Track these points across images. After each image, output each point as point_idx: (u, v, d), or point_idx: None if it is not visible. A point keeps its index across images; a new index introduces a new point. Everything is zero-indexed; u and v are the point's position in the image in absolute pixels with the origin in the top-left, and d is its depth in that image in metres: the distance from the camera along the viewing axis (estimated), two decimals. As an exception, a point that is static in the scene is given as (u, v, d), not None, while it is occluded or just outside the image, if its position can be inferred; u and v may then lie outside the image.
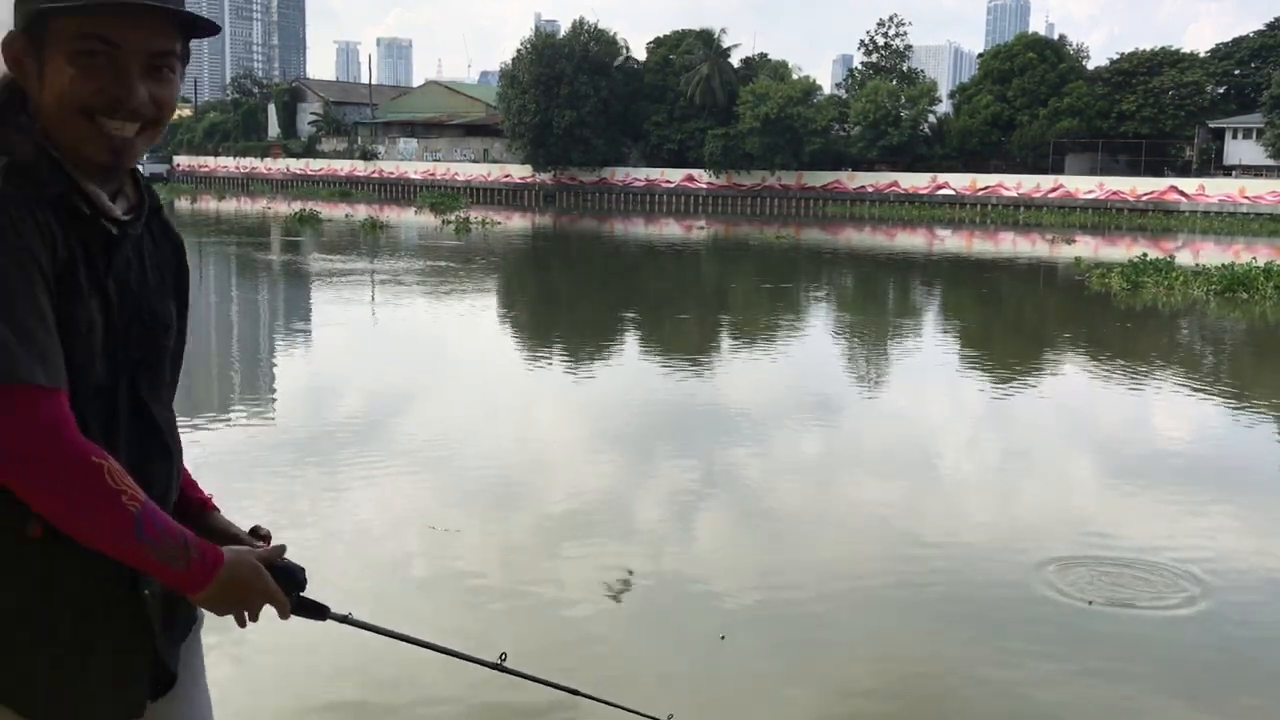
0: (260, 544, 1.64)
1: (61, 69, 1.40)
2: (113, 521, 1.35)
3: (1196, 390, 10.07)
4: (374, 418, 8.10)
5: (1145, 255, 20.25)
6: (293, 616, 1.59)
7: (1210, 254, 22.34)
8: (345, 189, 60.95)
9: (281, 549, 1.60)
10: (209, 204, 47.48)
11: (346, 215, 37.91)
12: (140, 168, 1.59)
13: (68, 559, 1.39)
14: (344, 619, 1.66)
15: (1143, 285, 17.89)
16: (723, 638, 4.21)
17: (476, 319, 14.67)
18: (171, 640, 1.56)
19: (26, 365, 1.29)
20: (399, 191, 60.94)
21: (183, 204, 46.80)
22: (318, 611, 1.64)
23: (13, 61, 1.43)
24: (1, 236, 1.30)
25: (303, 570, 1.61)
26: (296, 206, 40.48)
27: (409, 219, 38.68)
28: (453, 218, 35.55)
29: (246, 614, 1.51)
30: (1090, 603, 4.43)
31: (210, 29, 1.48)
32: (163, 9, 1.41)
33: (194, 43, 1.52)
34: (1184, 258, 21.01)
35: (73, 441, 1.33)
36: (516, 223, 39.52)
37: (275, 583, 1.53)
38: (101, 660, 1.45)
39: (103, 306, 1.42)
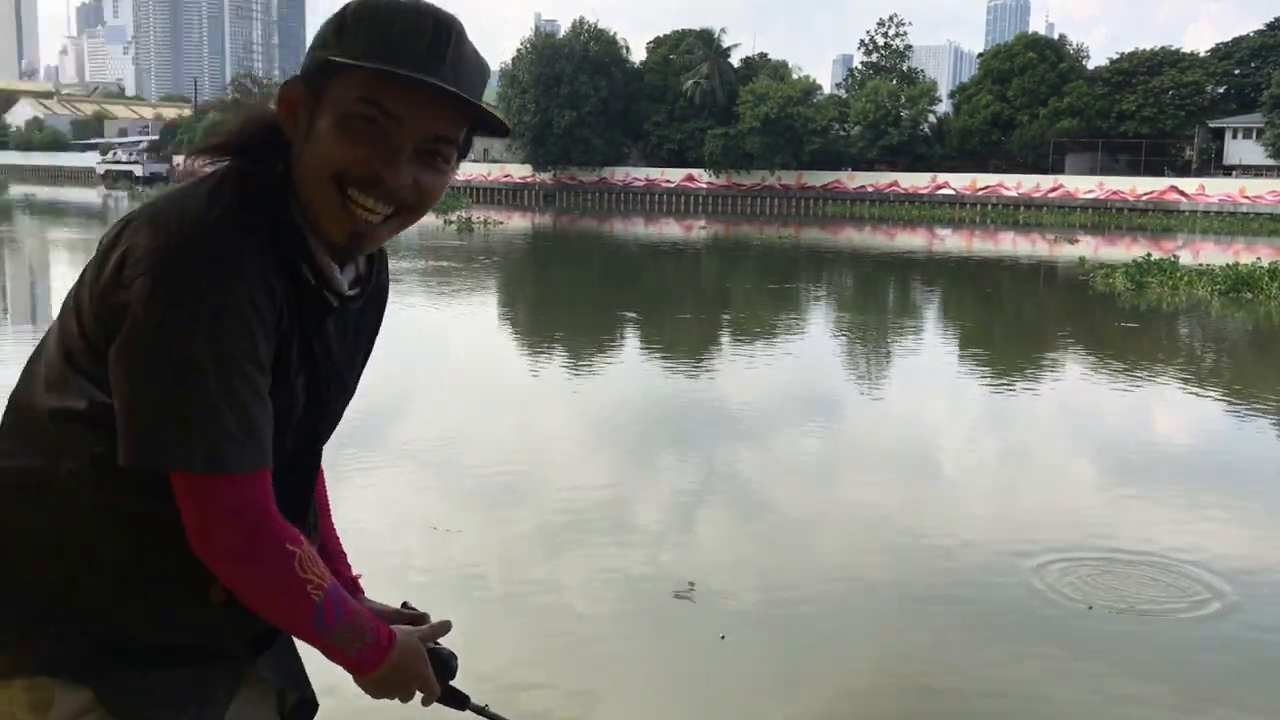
0: (414, 621, 1.57)
1: (331, 129, 1.28)
2: (296, 611, 1.29)
3: (1203, 391, 10.07)
4: (376, 417, 8.10)
5: (1149, 255, 20.19)
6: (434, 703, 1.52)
7: (1210, 254, 22.36)
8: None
9: (443, 627, 1.55)
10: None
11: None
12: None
13: (243, 617, 1.33)
14: (481, 710, 1.58)
15: (1147, 285, 17.85)
16: (723, 637, 4.21)
17: (479, 319, 14.68)
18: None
19: (236, 453, 1.19)
20: (399, 191, 60.82)
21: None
22: (459, 701, 1.57)
23: (287, 108, 1.32)
24: (233, 297, 1.19)
25: (455, 658, 1.54)
26: None
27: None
28: (454, 218, 35.52)
29: (399, 698, 1.44)
30: (1090, 607, 4.42)
31: (501, 131, 1.36)
32: (459, 97, 1.27)
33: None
34: (1185, 258, 20.97)
35: (270, 529, 1.25)
36: (518, 223, 39.54)
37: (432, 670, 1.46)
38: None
39: (308, 384, 1.33)
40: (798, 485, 6.68)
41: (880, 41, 57.84)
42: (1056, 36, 56.93)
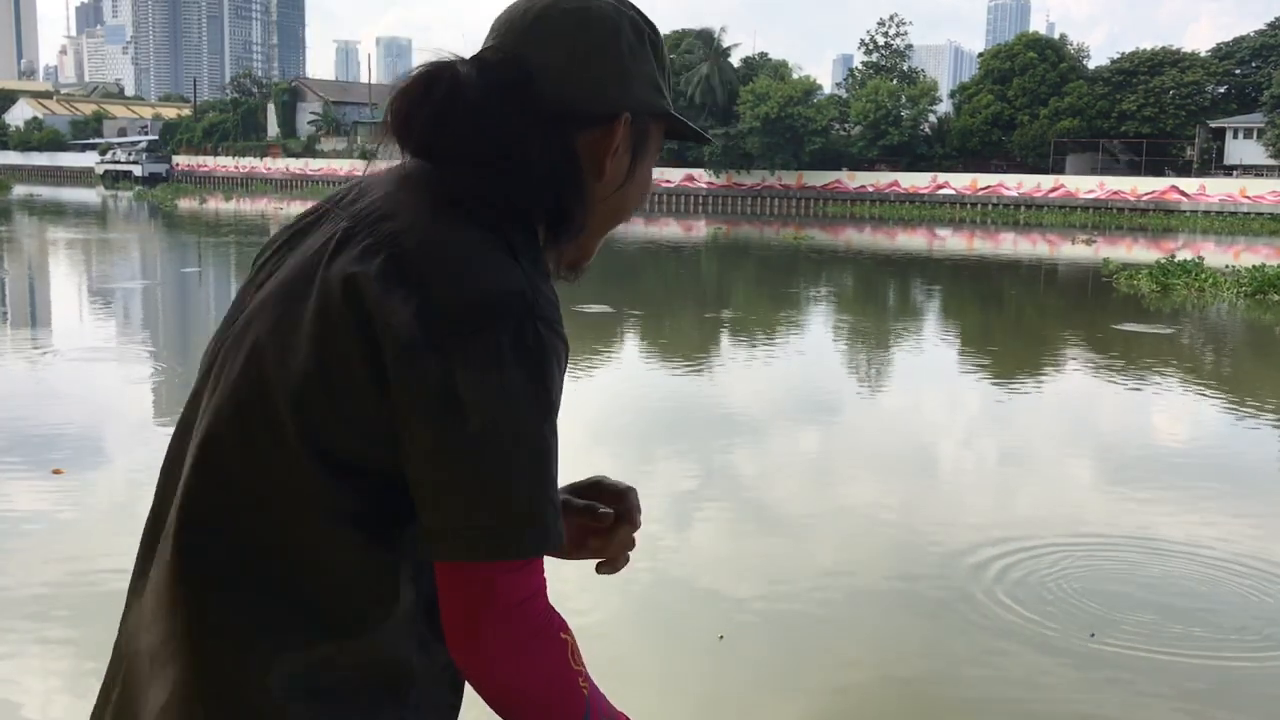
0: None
1: (648, 176, 1.20)
2: (570, 708, 1.08)
3: (1237, 398, 9.92)
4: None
5: (1173, 256, 19.88)
6: None
7: (1211, 254, 22.30)
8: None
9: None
10: (218, 204, 47.51)
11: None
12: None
13: None
14: None
15: (1172, 287, 17.64)
16: (722, 637, 4.21)
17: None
18: None
19: (557, 530, 1.03)
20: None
21: (190, 204, 46.82)
22: None
23: (609, 145, 1.14)
24: (552, 372, 1.02)
25: None
26: (298, 206, 40.50)
27: None
28: None
29: None
30: (1093, 635, 4.38)
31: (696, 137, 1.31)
32: None
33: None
34: (1185, 257, 20.85)
35: (551, 617, 1.07)
36: None
37: None
38: None
39: None
40: (804, 485, 6.68)
41: (880, 41, 57.86)
42: (1057, 36, 56.87)
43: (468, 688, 1.10)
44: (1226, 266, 19.13)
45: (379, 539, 1.03)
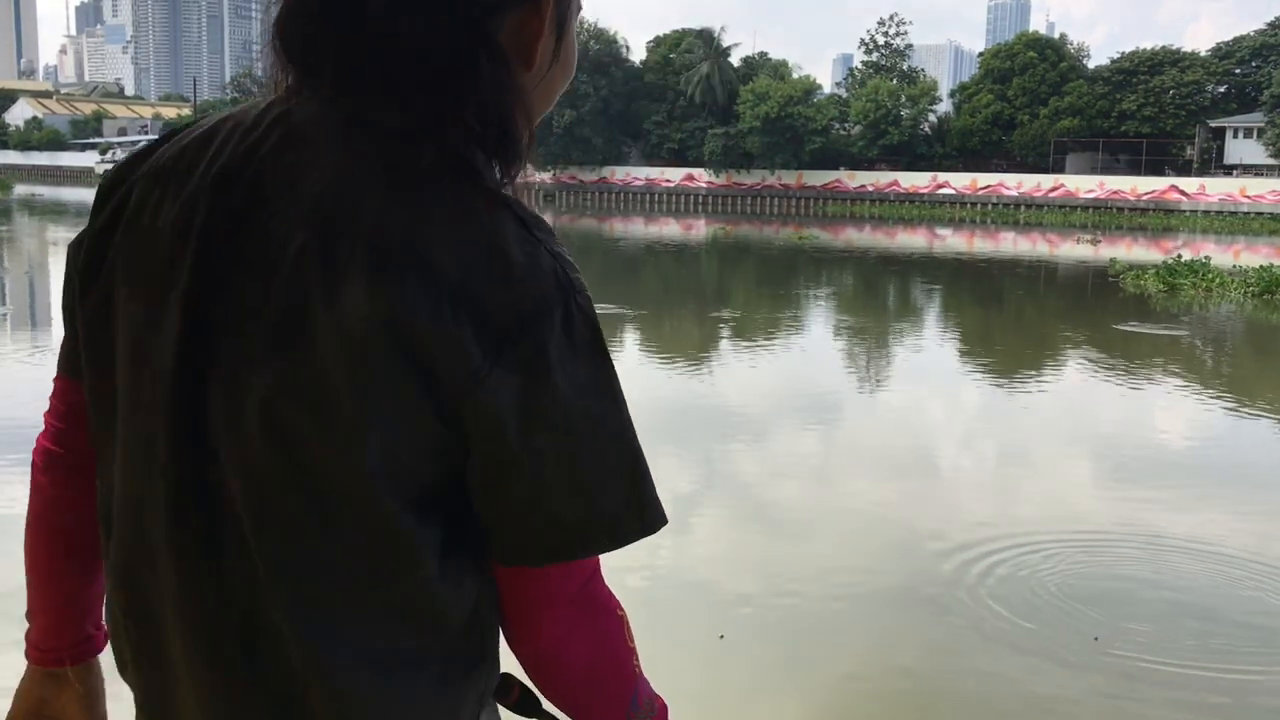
0: None
1: (573, 49, 1.05)
2: (621, 692, 1.06)
3: (1252, 400, 9.88)
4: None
5: (1180, 256, 19.81)
6: None
7: (1211, 253, 22.27)
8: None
9: None
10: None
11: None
12: None
13: None
14: None
15: (1179, 287, 17.58)
16: (722, 637, 4.21)
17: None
18: None
19: (659, 503, 0.99)
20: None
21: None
22: None
23: (538, 28, 0.99)
24: (603, 343, 0.94)
25: None
26: None
27: None
28: None
29: None
30: (1096, 639, 4.36)
31: None
32: None
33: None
34: (1186, 257, 20.82)
35: (610, 596, 1.04)
36: None
37: None
38: None
39: None
40: (810, 484, 6.68)
41: (880, 41, 57.87)
42: (1057, 36, 56.88)
43: None
44: (1234, 267, 19.08)
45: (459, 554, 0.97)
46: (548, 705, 1.10)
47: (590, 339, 0.92)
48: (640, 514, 0.96)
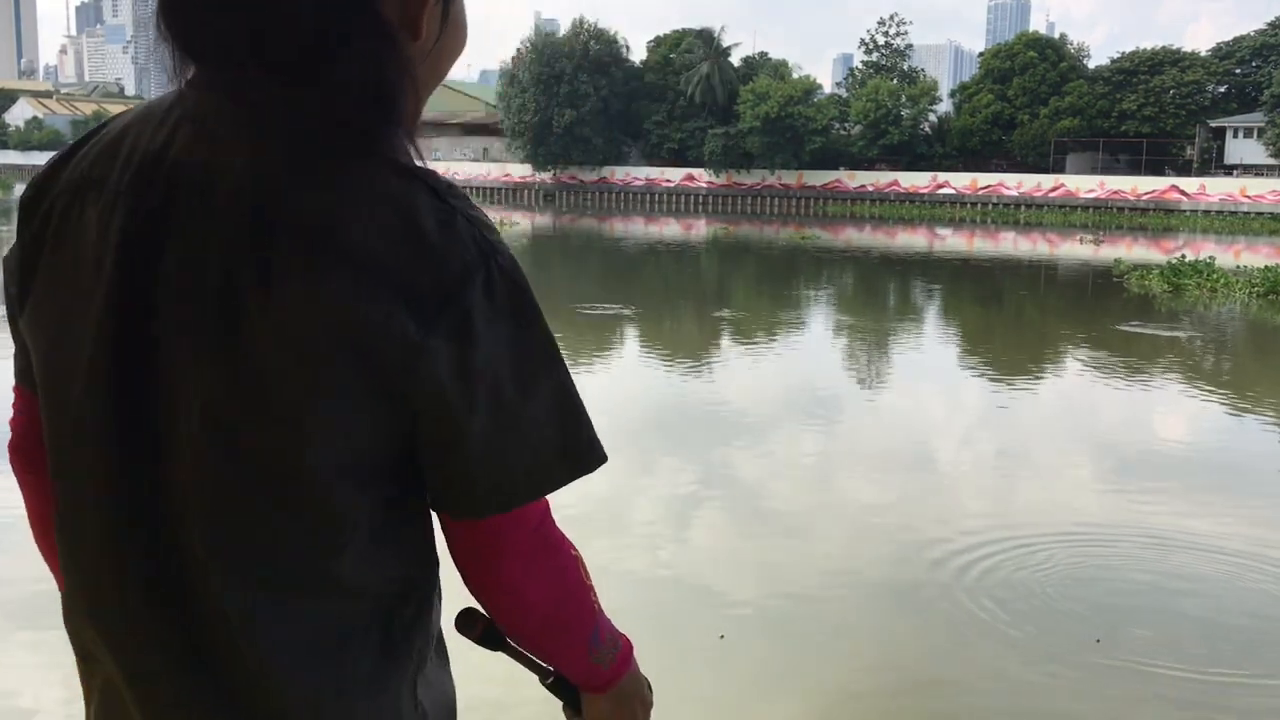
0: None
1: (463, 18, 1.05)
2: (581, 628, 1.11)
3: (1263, 402, 9.85)
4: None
5: (1184, 256, 19.67)
6: None
7: (1212, 253, 22.24)
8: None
9: None
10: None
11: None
12: None
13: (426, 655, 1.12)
14: None
15: (1184, 288, 17.53)
16: (722, 637, 4.20)
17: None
18: None
19: (599, 443, 1.04)
20: (399, 191, 60.88)
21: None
22: None
23: (417, 9, 0.98)
24: (530, 297, 0.99)
25: (650, 687, 1.31)
26: None
27: None
28: None
29: None
30: (1099, 640, 4.35)
31: None
32: None
33: None
34: (1205, 257, 20.68)
35: (560, 533, 1.08)
36: (532, 222, 39.37)
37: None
38: None
39: None
40: (816, 484, 6.67)
41: (881, 41, 57.84)
42: (1057, 35, 56.84)
43: None
44: (1238, 267, 19.04)
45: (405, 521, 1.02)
46: (517, 647, 1.14)
47: (515, 296, 0.95)
48: (580, 455, 1.02)
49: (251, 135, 0.91)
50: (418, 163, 0.97)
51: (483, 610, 1.11)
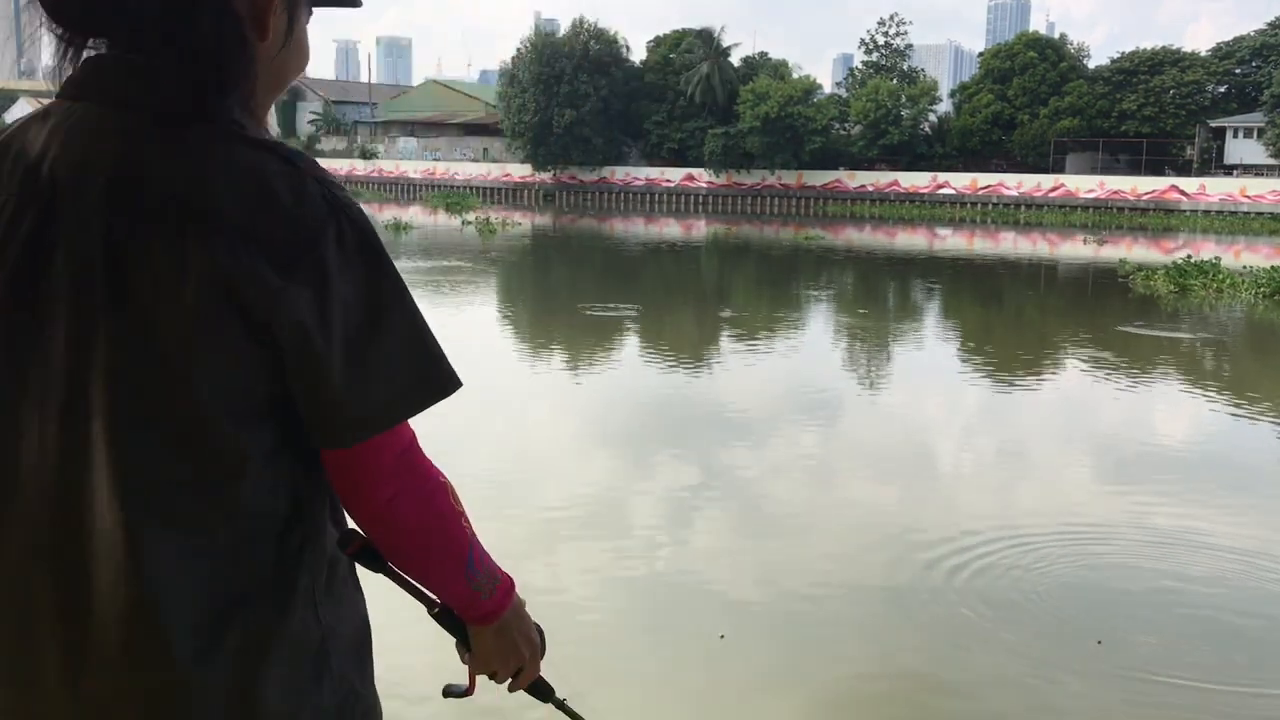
0: None
1: (305, 37, 1.20)
2: (452, 553, 1.22)
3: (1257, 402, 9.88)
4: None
5: (1190, 256, 19.58)
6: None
7: (1212, 253, 22.22)
8: (356, 189, 60.58)
9: None
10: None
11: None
12: None
13: (333, 583, 1.20)
14: (562, 705, 1.47)
15: (1190, 288, 17.46)
16: (722, 637, 4.21)
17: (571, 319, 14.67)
18: None
19: (454, 372, 1.16)
20: (399, 191, 60.92)
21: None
22: (545, 692, 1.43)
23: (264, 9, 1.12)
24: (377, 243, 1.12)
25: (542, 632, 1.40)
26: None
27: (427, 219, 37.78)
28: (471, 218, 35.37)
29: (499, 670, 1.33)
30: (1100, 642, 4.35)
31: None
32: None
33: None
34: (1211, 257, 20.59)
35: (426, 461, 1.20)
36: (534, 222, 39.30)
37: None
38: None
39: None
40: (817, 484, 6.68)
41: (880, 41, 57.78)
42: (1057, 36, 56.76)
43: None
44: (1244, 267, 18.98)
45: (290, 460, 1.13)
46: (398, 573, 1.23)
47: (364, 244, 1.09)
48: (432, 382, 1.14)
49: (122, 127, 1.06)
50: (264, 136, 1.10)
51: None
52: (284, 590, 1.11)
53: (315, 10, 1.26)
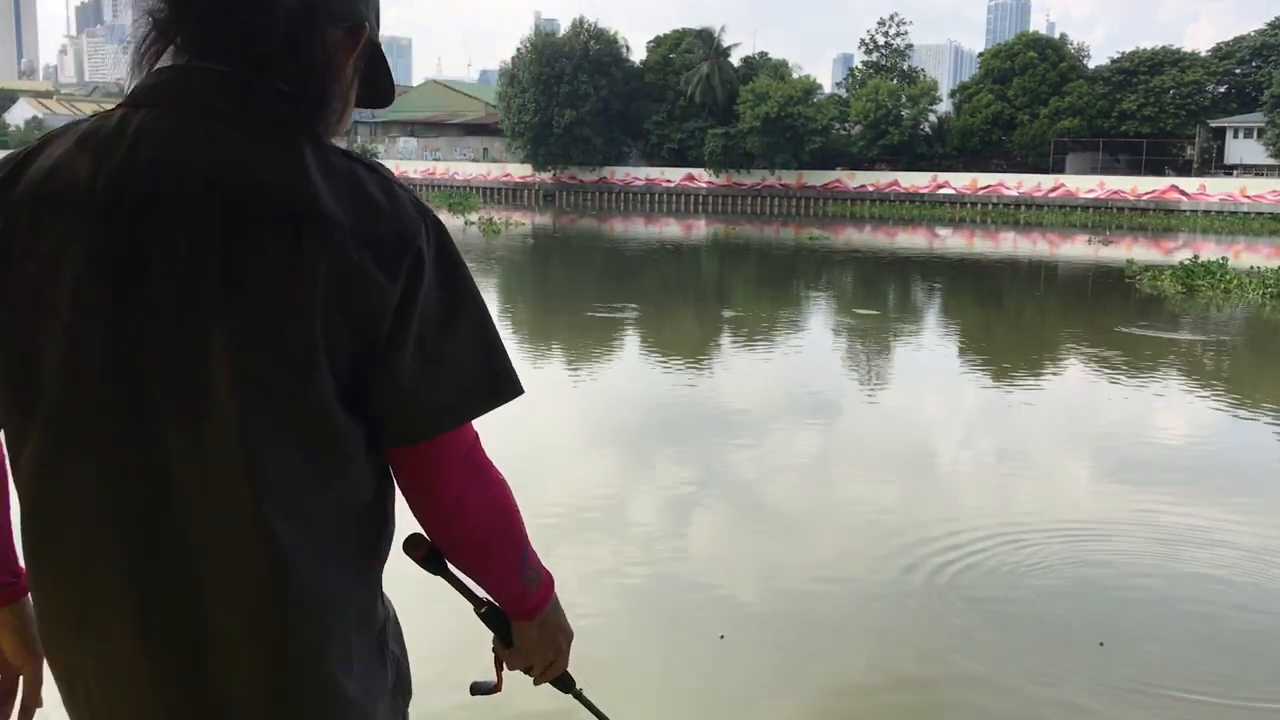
0: None
1: (353, 94, 1.29)
2: (513, 548, 1.29)
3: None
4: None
5: (1196, 257, 19.51)
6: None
7: (1212, 253, 22.20)
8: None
9: None
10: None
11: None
12: None
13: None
14: (580, 695, 1.54)
15: (1197, 288, 17.40)
16: (722, 637, 4.21)
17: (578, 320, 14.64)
18: None
19: (519, 379, 1.24)
20: (399, 191, 60.86)
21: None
22: (567, 684, 1.50)
23: (348, 55, 1.22)
24: (459, 256, 1.21)
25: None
26: None
27: None
28: (474, 218, 35.38)
29: (537, 663, 1.41)
30: (1101, 644, 4.33)
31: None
32: None
33: None
34: (1182, 257, 20.69)
35: (490, 462, 1.26)
36: (534, 222, 39.31)
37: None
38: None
39: None
40: (818, 484, 6.67)
41: (880, 41, 57.79)
42: (1057, 36, 56.77)
43: None
44: (1252, 268, 18.96)
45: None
46: (456, 573, 1.32)
47: (448, 247, 1.18)
48: (496, 386, 1.21)
49: (215, 138, 1.09)
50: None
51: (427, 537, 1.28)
52: (367, 579, 1.20)
53: None
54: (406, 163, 63.58)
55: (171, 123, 1.09)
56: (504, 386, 1.21)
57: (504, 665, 1.42)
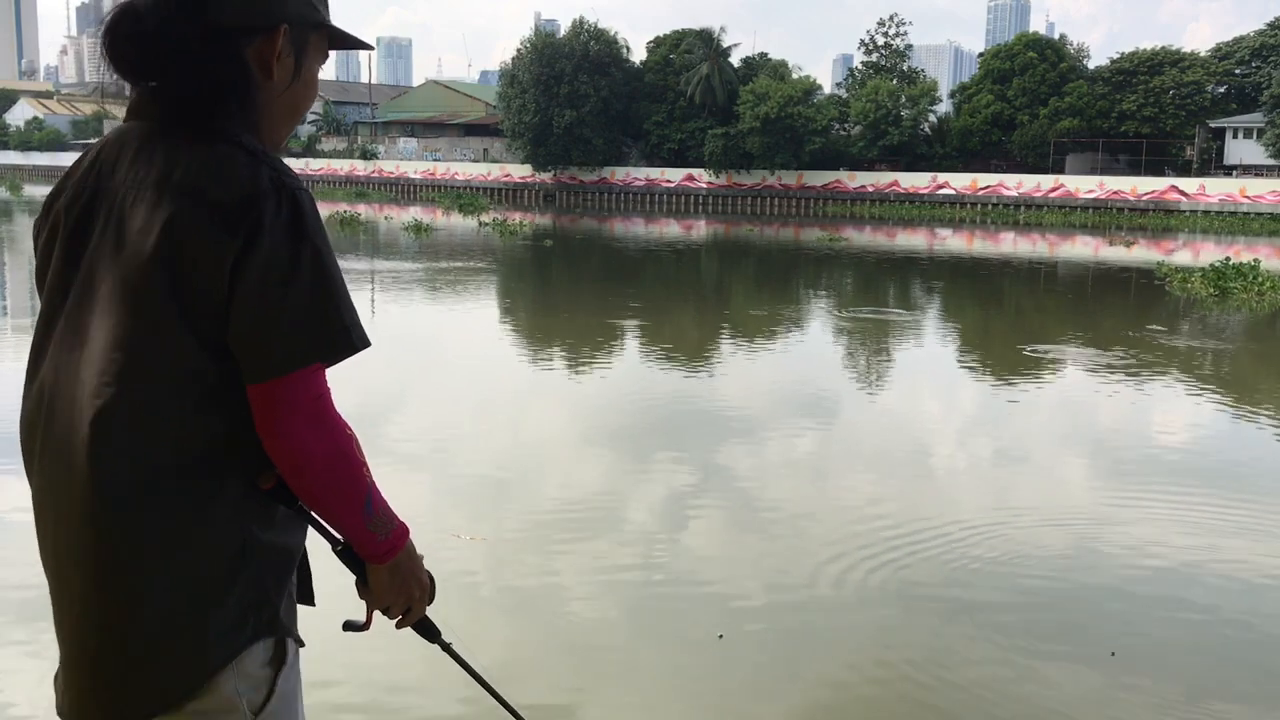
0: None
1: (313, 77, 1.59)
2: (354, 495, 1.46)
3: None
4: (379, 414, 8.09)
5: (1228, 259, 19.17)
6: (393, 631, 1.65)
7: (1211, 254, 22.15)
8: (362, 190, 60.48)
9: None
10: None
11: (387, 218, 37.55)
12: None
13: (271, 512, 1.48)
14: (447, 648, 1.67)
15: (1230, 291, 17.17)
16: (721, 637, 4.21)
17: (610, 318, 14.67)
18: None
19: (365, 334, 1.47)
20: (399, 191, 60.90)
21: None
22: (432, 633, 1.62)
23: (272, 52, 1.51)
24: (314, 218, 1.45)
25: (433, 579, 1.61)
26: (324, 209, 40.25)
27: (441, 221, 37.49)
28: (488, 220, 35.30)
29: (392, 607, 1.56)
30: (1114, 654, 4.31)
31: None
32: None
33: None
34: (1184, 257, 20.60)
35: (337, 414, 1.46)
36: (533, 223, 39.21)
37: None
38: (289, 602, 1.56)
39: None
40: (819, 484, 6.67)
41: (880, 41, 57.78)
42: (1057, 36, 56.76)
43: None
44: None
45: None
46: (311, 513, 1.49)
47: (295, 213, 1.41)
48: (338, 340, 1.43)
49: (158, 139, 1.46)
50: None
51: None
52: (212, 503, 1.41)
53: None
54: (407, 163, 63.55)
55: (137, 132, 1.48)
56: (340, 341, 1.42)
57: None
